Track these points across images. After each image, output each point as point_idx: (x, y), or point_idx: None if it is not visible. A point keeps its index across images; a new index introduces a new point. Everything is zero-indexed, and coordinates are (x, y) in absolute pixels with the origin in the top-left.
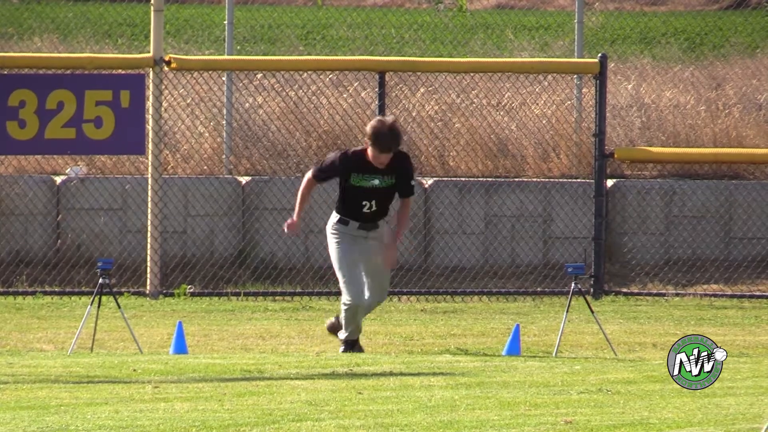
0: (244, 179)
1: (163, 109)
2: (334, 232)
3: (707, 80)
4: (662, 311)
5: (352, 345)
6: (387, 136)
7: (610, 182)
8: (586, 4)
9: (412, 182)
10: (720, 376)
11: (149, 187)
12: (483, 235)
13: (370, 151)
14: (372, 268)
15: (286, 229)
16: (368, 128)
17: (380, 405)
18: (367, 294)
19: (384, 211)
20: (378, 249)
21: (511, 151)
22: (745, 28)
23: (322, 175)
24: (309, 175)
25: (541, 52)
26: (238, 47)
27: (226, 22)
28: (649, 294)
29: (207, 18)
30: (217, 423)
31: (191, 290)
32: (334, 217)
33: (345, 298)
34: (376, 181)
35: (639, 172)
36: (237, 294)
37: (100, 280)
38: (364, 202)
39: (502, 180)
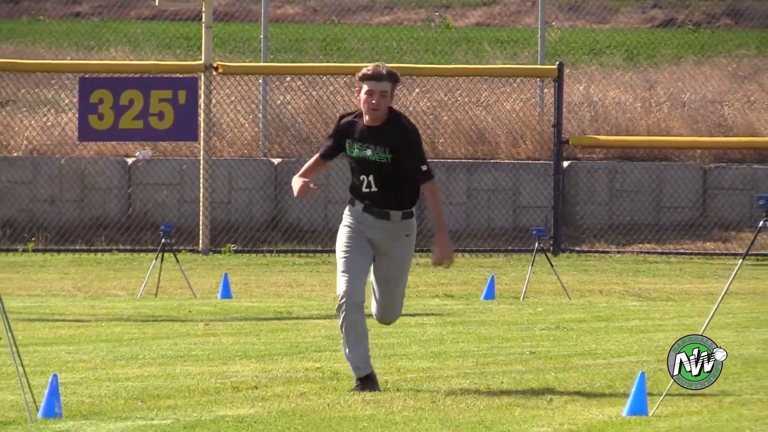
0: (276, 160)
1: (211, 105)
2: (346, 214)
3: (642, 83)
4: (606, 265)
5: (363, 382)
6: (376, 65)
7: (566, 163)
8: (547, 23)
9: (422, 165)
10: (651, 315)
11: (201, 166)
12: (465, 205)
13: (363, 94)
14: (381, 276)
15: (295, 195)
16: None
17: (384, 339)
18: (373, 306)
19: (389, 196)
20: (391, 252)
21: (488, 138)
22: (671, 42)
23: (325, 149)
24: None
25: (511, 60)
26: (271, 56)
27: (261, 36)
28: (596, 251)
29: (246, 33)
30: (255, 353)
31: (234, 248)
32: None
33: (338, 289)
34: (368, 152)
35: (588, 156)
36: (270, 251)
37: (163, 240)
38: (361, 177)
39: (481, 161)
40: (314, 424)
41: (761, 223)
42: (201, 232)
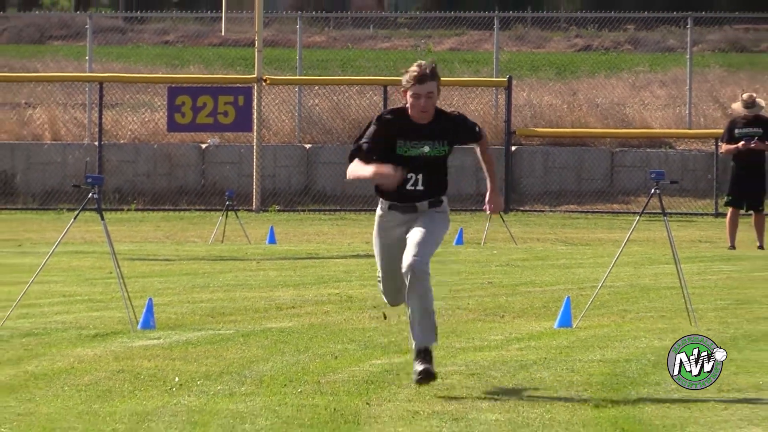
0: (307, 146)
1: (261, 106)
2: (378, 216)
3: (568, 91)
4: (542, 220)
5: (426, 371)
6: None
7: (513, 148)
8: (500, 48)
9: (477, 128)
10: (574, 256)
11: (254, 150)
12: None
13: (409, 98)
14: (411, 229)
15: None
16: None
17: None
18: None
19: (427, 191)
20: (420, 218)
21: None
22: (589, 61)
23: (369, 149)
24: (351, 158)
25: (475, 74)
26: (304, 71)
27: (297, 57)
28: (535, 211)
29: (286, 55)
30: (292, 282)
31: (278, 208)
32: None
33: (380, 290)
34: (426, 148)
35: (529, 142)
36: (303, 210)
37: (227, 203)
38: (409, 175)
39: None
40: (334, 333)
41: (653, 190)
42: (254, 197)
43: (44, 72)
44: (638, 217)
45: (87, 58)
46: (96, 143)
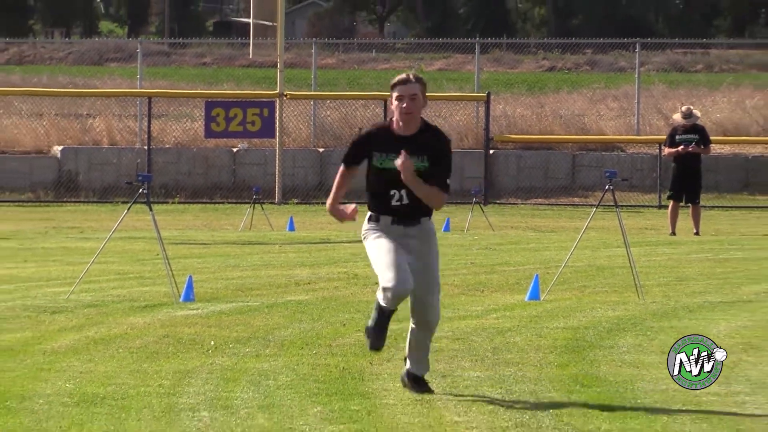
0: (321, 149)
1: (283, 116)
2: (366, 230)
3: (536, 104)
4: (515, 211)
5: (416, 380)
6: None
7: (491, 151)
8: (480, 69)
9: (448, 179)
10: (542, 241)
11: (277, 153)
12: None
13: (394, 101)
14: (415, 269)
15: (343, 221)
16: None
17: None
18: (412, 312)
19: (417, 205)
20: (422, 251)
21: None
22: (554, 80)
23: (348, 158)
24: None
25: (459, 90)
26: (318, 88)
27: (312, 76)
28: (509, 203)
29: (303, 74)
30: (308, 262)
31: (296, 201)
32: (366, 217)
33: (383, 282)
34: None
35: (504, 147)
36: (317, 203)
37: (254, 197)
38: (392, 192)
39: None
40: (343, 305)
41: (607, 186)
42: (276, 192)
43: (102, 88)
44: (595, 209)
45: (138, 77)
46: (145, 147)
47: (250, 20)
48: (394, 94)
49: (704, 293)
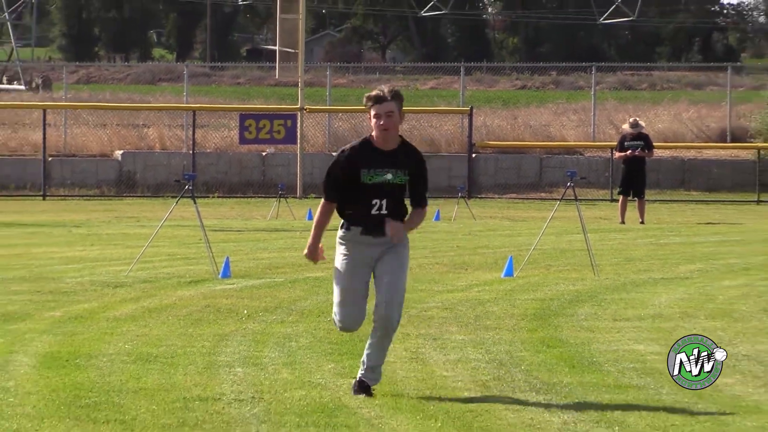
0: (335, 154)
1: (303, 126)
2: (339, 242)
3: (510, 116)
4: (493, 204)
5: (360, 385)
6: (379, 88)
7: (474, 155)
8: (465, 87)
9: (426, 192)
10: (516, 228)
11: (298, 156)
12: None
13: (372, 118)
14: (381, 271)
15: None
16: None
17: None
18: (375, 309)
19: (393, 215)
20: (389, 251)
21: (436, 143)
22: (525, 96)
23: (329, 190)
24: (324, 185)
25: (448, 105)
26: (333, 103)
27: (327, 94)
28: (488, 197)
29: (320, 92)
30: (324, 245)
31: (314, 196)
32: (340, 225)
33: (335, 315)
34: (389, 176)
35: (484, 152)
36: None
37: (280, 192)
38: (374, 201)
39: (432, 154)
40: None
41: (568, 184)
42: (298, 188)
43: (155, 103)
44: (558, 202)
45: (184, 93)
46: (190, 152)
47: (277, 48)
48: (372, 112)
49: (648, 271)
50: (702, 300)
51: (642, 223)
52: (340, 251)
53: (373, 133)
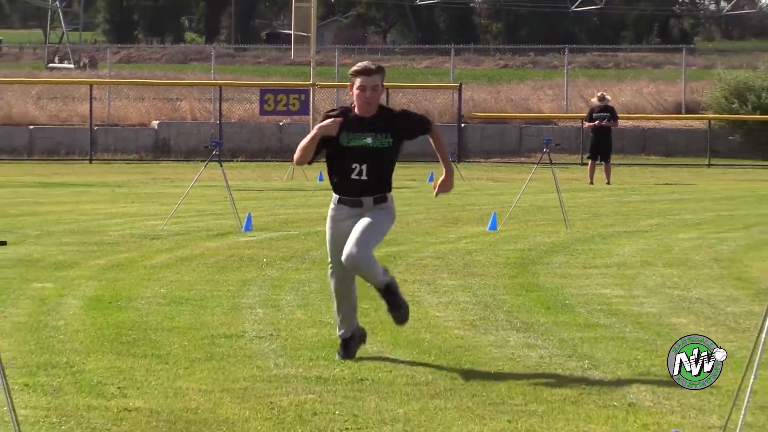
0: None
1: (315, 100)
2: (329, 211)
3: (494, 91)
4: (480, 167)
5: (345, 346)
6: (366, 62)
7: (462, 125)
8: (455, 66)
9: (424, 119)
10: (500, 188)
11: (310, 126)
12: (420, 142)
13: (355, 90)
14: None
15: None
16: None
17: None
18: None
19: (375, 184)
20: (365, 214)
21: (429, 114)
22: (507, 74)
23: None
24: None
25: (440, 81)
26: (340, 80)
27: (336, 71)
28: (475, 161)
29: (329, 70)
30: None
31: (324, 160)
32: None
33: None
34: (369, 140)
35: (472, 122)
36: None
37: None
38: (354, 165)
39: None
40: None
41: (544, 150)
42: None
43: (187, 80)
44: (536, 166)
45: (212, 72)
46: (217, 122)
47: (292, 32)
48: (357, 82)
49: (613, 225)
50: (660, 250)
51: (608, 183)
52: (328, 220)
53: (355, 103)
